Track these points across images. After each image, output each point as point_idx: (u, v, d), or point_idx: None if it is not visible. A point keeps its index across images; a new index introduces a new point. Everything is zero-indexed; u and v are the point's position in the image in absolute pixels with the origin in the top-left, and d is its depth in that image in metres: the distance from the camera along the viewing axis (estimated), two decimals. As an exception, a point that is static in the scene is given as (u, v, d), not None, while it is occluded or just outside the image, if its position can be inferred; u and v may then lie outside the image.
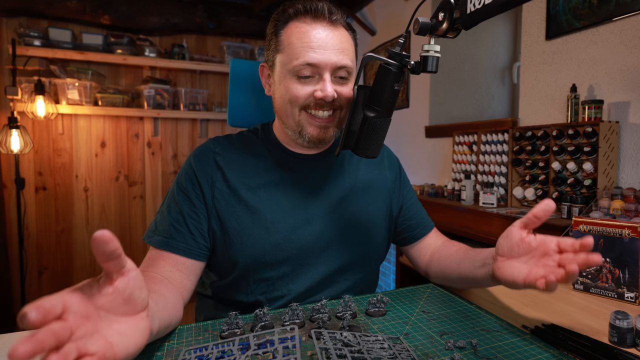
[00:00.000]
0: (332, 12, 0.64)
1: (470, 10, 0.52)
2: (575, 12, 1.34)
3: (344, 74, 0.65)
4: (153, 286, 0.55)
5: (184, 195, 0.68)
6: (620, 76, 1.23)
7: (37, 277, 2.40)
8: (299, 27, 0.64)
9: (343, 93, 0.66)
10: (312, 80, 0.64)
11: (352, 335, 0.49)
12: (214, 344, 0.48)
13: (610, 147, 1.19)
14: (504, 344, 0.53)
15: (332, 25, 0.64)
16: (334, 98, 0.64)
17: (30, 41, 2.22)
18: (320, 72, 0.63)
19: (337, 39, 0.64)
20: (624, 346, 0.53)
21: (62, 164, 2.44)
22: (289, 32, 0.65)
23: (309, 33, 0.63)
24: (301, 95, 0.64)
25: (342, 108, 0.67)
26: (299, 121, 0.67)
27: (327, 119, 0.67)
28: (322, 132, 0.67)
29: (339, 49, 0.64)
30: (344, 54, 0.64)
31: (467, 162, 1.78)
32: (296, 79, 0.64)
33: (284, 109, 0.68)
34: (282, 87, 0.66)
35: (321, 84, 0.63)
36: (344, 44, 0.65)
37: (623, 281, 0.70)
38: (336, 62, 0.63)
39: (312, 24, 0.64)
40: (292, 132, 0.69)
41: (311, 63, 0.62)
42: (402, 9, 2.31)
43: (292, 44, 0.64)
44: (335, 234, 0.71)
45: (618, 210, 1.00)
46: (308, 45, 0.62)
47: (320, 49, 0.62)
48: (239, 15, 2.70)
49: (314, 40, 0.63)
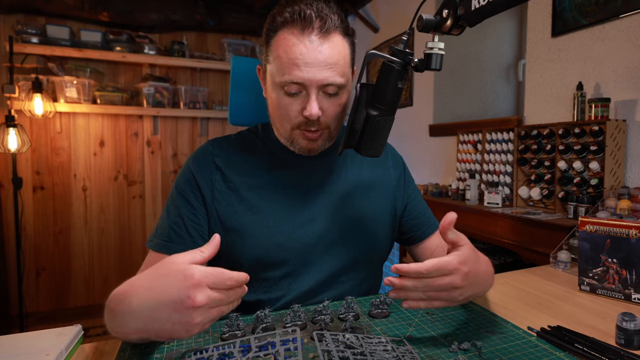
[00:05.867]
0: (322, 19, 0.60)
1: (474, 7, 0.51)
2: (581, 8, 1.33)
3: (333, 90, 0.63)
4: None
5: (183, 198, 0.68)
6: (627, 74, 1.21)
7: (34, 278, 2.39)
8: (286, 40, 0.61)
9: (329, 112, 0.65)
10: (300, 95, 0.63)
11: (354, 337, 0.49)
12: (215, 346, 0.48)
13: (617, 146, 1.18)
14: (509, 346, 0.53)
15: (322, 36, 0.60)
16: (319, 116, 0.63)
17: (28, 38, 2.21)
18: (307, 89, 0.62)
19: (327, 52, 0.60)
20: (631, 348, 0.53)
21: (60, 163, 2.43)
22: (277, 43, 0.62)
23: (295, 48, 0.60)
24: (292, 115, 0.64)
25: (329, 127, 0.67)
26: (291, 134, 0.67)
27: (315, 134, 0.66)
28: (311, 144, 0.68)
29: (327, 64, 0.60)
30: (332, 69, 0.61)
31: (472, 161, 1.77)
32: (284, 92, 0.63)
33: (276, 117, 0.68)
34: (273, 97, 0.66)
35: (307, 102, 0.62)
36: (334, 57, 0.61)
37: (630, 282, 0.69)
38: (322, 80, 0.61)
39: (300, 36, 0.60)
40: (283, 139, 0.70)
41: (296, 82, 0.61)
42: (406, 5, 2.30)
43: (279, 58, 0.62)
44: (338, 233, 0.71)
45: (625, 210, 0.99)
46: (294, 61, 0.60)
47: (306, 66, 0.60)
48: (240, 11, 2.69)
49: (299, 57, 0.60)
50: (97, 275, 2.52)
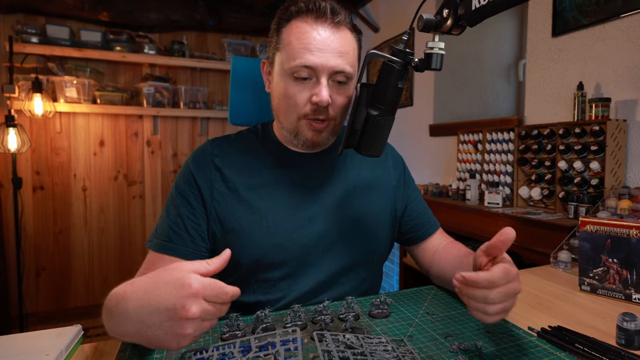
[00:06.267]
0: (335, 13, 0.62)
1: (475, 6, 0.51)
2: (581, 8, 1.33)
3: (342, 78, 0.64)
4: None
5: (183, 198, 0.68)
6: (627, 74, 1.21)
7: (34, 278, 2.38)
8: (299, 27, 0.62)
9: (338, 101, 0.65)
10: (309, 82, 0.63)
11: (355, 338, 0.48)
12: (215, 346, 0.48)
13: (617, 145, 1.18)
14: (509, 346, 0.53)
15: (334, 26, 0.62)
16: (329, 105, 0.63)
17: (28, 38, 2.21)
18: (317, 75, 0.62)
19: (338, 41, 0.62)
20: (631, 348, 0.53)
21: (60, 163, 2.43)
22: (289, 31, 0.63)
23: (308, 34, 0.61)
24: (299, 102, 0.64)
25: (335, 118, 0.67)
26: (296, 125, 0.67)
27: (322, 124, 0.66)
28: (317, 136, 0.67)
29: (338, 52, 0.62)
30: (342, 58, 0.62)
31: (472, 161, 1.77)
32: (293, 79, 0.63)
33: (281, 108, 0.67)
34: (280, 86, 0.65)
35: (317, 88, 0.62)
36: (345, 47, 0.63)
37: (631, 282, 0.69)
38: (334, 66, 0.62)
39: (314, 24, 0.62)
40: (287, 132, 0.69)
41: (308, 65, 0.61)
42: (406, 5, 2.29)
43: (291, 44, 0.62)
44: (338, 233, 0.71)
45: (626, 210, 0.99)
46: (306, 46, 0.61)
47: (319, 52, 0.61)
48: (240, 11, 2.68)
49: (313, 42, 0.61)
50: (97, 276, 2.52)
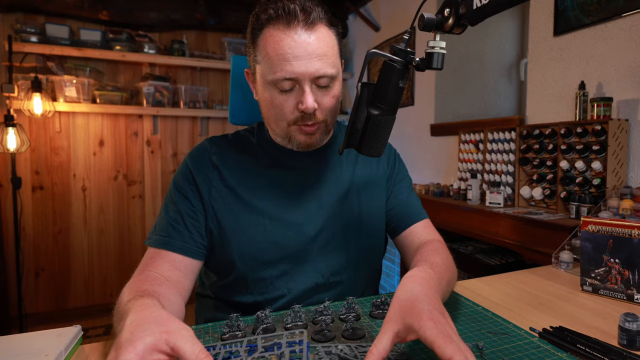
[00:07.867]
0: (306, 12, 0.60)
1: (476, 5, 0.51)
2: (583, 7, 1.32)
3: (325, 82, 0.63)
4: (158, 288, 0.55)
5: (182, 194, 0.68)
6: (630, 73, 1.21)
7: (34, 279, 2.38)
8: (273, 36, 0.61)
9: (325, 104, 0.65)
10: (294, 91, 0.63)
11: (348, 348, 0.48)
12: (222, 344, 0.48)
13: (619, 145, 1.18)
14: (511, 347, 0.52)
15: (308, 28, 0.60)
16: (316, 109, 0.63)
17: (27, 37, 2.20)
18: (300, 83, 0.61)
19: (315, 43, 0.60)
20: (633, 349, 0.53)
21: (59, 162, 2.42)
22: (264, 41, 0.62)
23: (283, 42, 0.60)
24: (287, 111, 0.63)
25: (325, 120, 0.66)
26: (288, 131, 0.66)
27: (312, 127, 0.65)
28: (309, 138, 0.67)
29: (317, 55, 0.60)
30: (322, 60, 0.61)
31: (474, 161, 1.76)
32: (277, 91, 0.63)
33: (271, 117, 0.67)
34: (266, 97, 0.65)
35: (302, 96, 0.62)
36: (323, 48, 0.61)
37: (633, 282, 0.69)
38: (314, 71, 0.61)
39: (287, 30, 0.60)
40: (280, 138, 0.69)
41: (288, 77, 0.60)
42: (407, 4, 2.29)
43: (268, 56, 0.61)
44: (334, 230, 0.71)
45: (627, 210, 0.99)
46: (283, 56, 0.60)
47: (296, 60, 0.59)
48: (241, 10, 2.68)
49: (289, 50, 0.59)
50: (97, 276, 2.52)
